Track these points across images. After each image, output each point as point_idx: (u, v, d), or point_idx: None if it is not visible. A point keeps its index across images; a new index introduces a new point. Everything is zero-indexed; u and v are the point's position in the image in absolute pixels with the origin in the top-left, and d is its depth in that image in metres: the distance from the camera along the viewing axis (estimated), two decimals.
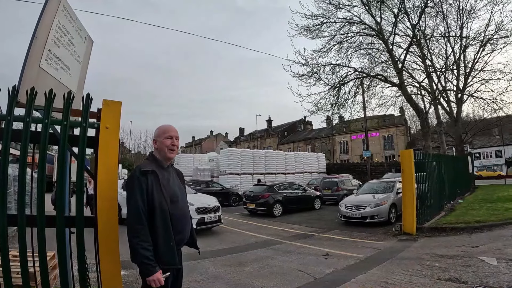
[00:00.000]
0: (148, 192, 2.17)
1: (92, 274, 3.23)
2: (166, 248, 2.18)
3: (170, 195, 2.28)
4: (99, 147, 2.70)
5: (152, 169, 2.25)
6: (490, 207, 10.60)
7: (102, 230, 2.61)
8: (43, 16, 2.73)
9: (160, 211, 2.18)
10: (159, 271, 2.09)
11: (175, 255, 2.23)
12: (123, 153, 53.62)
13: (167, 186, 2.29)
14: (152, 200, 2.17)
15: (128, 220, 2.14)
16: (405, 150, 10.73)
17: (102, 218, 2.63)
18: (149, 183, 2.19)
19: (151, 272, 2.06)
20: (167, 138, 2.38)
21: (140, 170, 2.22)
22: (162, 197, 2.21)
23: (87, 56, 3.83)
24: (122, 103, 2.85)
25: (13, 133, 2.53)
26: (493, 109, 18.68)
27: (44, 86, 2.73)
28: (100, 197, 2.65)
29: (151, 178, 2.21)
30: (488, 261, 5.40)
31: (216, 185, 20.08)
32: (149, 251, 2.08)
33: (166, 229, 2.19)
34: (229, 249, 7.58)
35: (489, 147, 43.80)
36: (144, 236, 2.09)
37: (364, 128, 29.20)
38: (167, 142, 2.37)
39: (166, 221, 2.20)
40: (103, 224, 2.62)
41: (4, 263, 2.43)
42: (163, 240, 2.17)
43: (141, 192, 2.15)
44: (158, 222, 2.17)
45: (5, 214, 2.46)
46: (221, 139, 77.49)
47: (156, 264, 2.09)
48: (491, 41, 17.53)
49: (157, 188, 2.21)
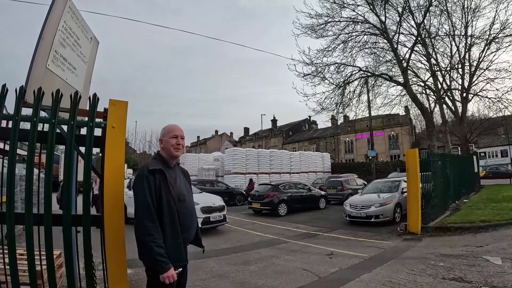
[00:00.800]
0: (156, 191, 2.20)
1: (98, 273, 3.27)
2: (174, 245, 2.21)
3: (178, 194, 2.31)
4: (105, 147, 2.73)
5: (160, 168, 2.28)
6: (495, 206, 10.54)
7: (108, 229, 2.64)
8: (50, 17, 2.77)
9: (168, 209, 2.22)
10: (172, 268, 2.13)
11: (182, 253, 2.28)
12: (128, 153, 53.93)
13: (174, 185, 2.32)
14: (160, 198, 2.21)
15: (138, 218, 2.16)
16: (410, 149, 10.71)
17: (109, 217, 2.66)
18: (157, 182, 2.22)
19: (165, 269, 2.09)
20: (172, 138, 2.41)
21: (148, 169, 2.25)
22: (170, 196, 2.24)
23: (93, 56, 3.88)
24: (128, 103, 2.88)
25: (20, 133, 2.58)
26: (498, 108, 18.54)
27: (51, 86, 2.77)
28: (107, 196, 2.68)
29: (158, 177, 2.24)
30: (493, 261, 5.38)
31: (221, 184, 20.13)
32: (162, 248, 2.12)
33: (174, 227, 2.23)
34: (234, 248, 7.62)
35: (495, 146, 43.34)
36: (156, 234, 2.12)
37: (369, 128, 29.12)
38: (173, 141, 2.40)
39: (174, 220, 2.23)
40: (110, 223, 2.65)
41: (11, 261, 2.47)
42: (171, 237, 2.21)
43: (150, 190, 2.18)
44: (166, 220, 2.20)
45: (12, 213, 2.50)
46: (226, 139, 77.51)
47: (169, 261, 2.12)
48: (496, 40, 17.40)
49: (165, 187, 2.24)
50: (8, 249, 2.48)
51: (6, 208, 2.52)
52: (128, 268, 4.58)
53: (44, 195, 2.61)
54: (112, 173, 2.73)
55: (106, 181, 2.70)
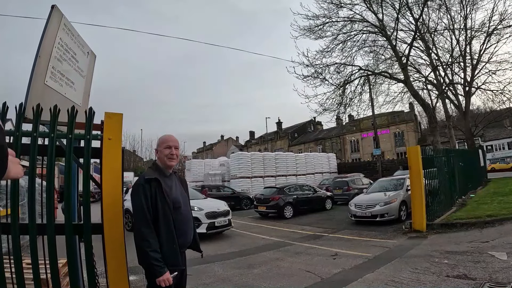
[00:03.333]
0: (152, 199, 2.31)
1: (102, 280, 3.36)
2: (170, 250, 2.31)
3: (173, 201, 2.40)
4: (103, 157, 2.84)
5: (155, 177, 2.38)
6: (502, 200, 10.44)
7: (108, 236, 2.74)
8: (45, 35, 2.88)
9: (163, 216, 2.32)
10: (168, 272, 2.23)
11: (178, 257, 2.37)
12: (135, 161, 54.29)
13: (170, 193, 2.42)
14: (155, 206, 2.31)
15: (135, 225, 2.29)
16: (412, 146, 10.65)
17: (108, 224, 2.76)
18: (152, 190, 2.32)
19: (160, 273, 2.20)
20: (166, 148, 2.51)
21: (144, 178, 2.37)
22: (165, 203, 2.34)
23: (91, 70, 3.99)
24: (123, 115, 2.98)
25: (22, 147, 2.71)
26: (501, 100, 18.44)
27: (50, 101, 2.88)
28: (106, 204, 2.79)
29: (154, 186, 2.34)
30: (498, 256, 5.35)
31: (227, 189, 20.18)
32: (157, 253, 2.22)
33: (169, 233, 2.32)
34: (238, 252, 7.64)
35: (501, 139, 42.72)
36: (152, 239, 2.23)
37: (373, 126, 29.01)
38: (166, 152, 2.50)
39: (169, 225, 2.33)
40: (109, 230, 2.76)
41: (17, 270, 2.58)
42: (167, 243, 2.30)
43: (146, 198, 2.29)
44: (161, 226, 2.30)
45: (17, 224, 2.61)
46: (232, 143, 77.67)
47: (164, 265, 2.22)
48: (495, 32, 17.35)
49: (160, 195, 2.34)
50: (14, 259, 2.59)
51: (11, 218, 2.63)
52: (132, 275, 4.67)
53: (46, 205, 2.72)
54: (111, 182, 2.84)
55: (104, 190, 2.80)
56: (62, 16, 3.14)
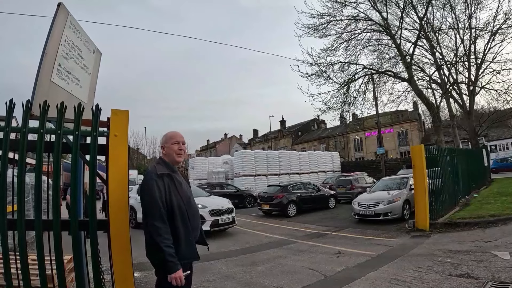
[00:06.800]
0: (166, 194, 2.31)
1: (108, 276, 3.40)
2: (188, 243, 2.33)
3: (185, 196, 2.44)
4: (109, 154, 2.86)
5: (167, 172, 2.41)
6: (505, 200, 10.38)
7: (114, 233, 2.77)
8: (52, 33, 2.91)
9: (179, 211, 2.33)
10: (181, 269, 2.21)
11: (195, 249, 2.42)
12: (138, 159, 54.44)
13: (181, 188, 2.44)
14: (170, 201, 2.31)
15: (148, 220, 2.25)
16: (416, 145, 10.62)
17: (114, 221, 2.78)
18: (165, 185, 2.34)
19: (174, 269, 2.17)
20: (174, 144, 2.52)
21: (157, 173, 2.36)
22: (180, 198, 2.37)
23: (96, 67, 4.02)
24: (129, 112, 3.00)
25: (28, 144, 2.73)
26: (505, 100, 18.30)
27: (56, 98, 2.91)
28: (112, 200, 2.81)
29: (167, 181, 2.36)
30: (501, 256, 5.34)
31: (231, 187, 20.19)
32: (172, 249, 2.20)
33: (186, 226, 2.35)
34: (242, 249, 7.68)
35: (505, 138, 42.28)
36: (166, 234, 2.21)
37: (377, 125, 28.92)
38: (175, 147, 2.51)
39: (185, 219, 2.36)
40: (115, 227, 2.78)
41: (23, 266, 2.61)
42: (185, 236, 2.32)
43: (160, 193, 2.28)
44: (178, 221, 2.31)
45: (23, 220, 2.64)
46: (236, 142, 77.66)
47: (178, 262, 2.20)
48: (500, 31, 17.20)
49: (173, 190, 2.36)
50: (20, 255, 2.62)
51: (17, 214, 2.66)
52: (137, 271, 4.72)
53: (52, 201, 2.75)
54: (117, 179, 2.86)
55: (110, 187, 2.82)
56: (68, 14, 3.16)
